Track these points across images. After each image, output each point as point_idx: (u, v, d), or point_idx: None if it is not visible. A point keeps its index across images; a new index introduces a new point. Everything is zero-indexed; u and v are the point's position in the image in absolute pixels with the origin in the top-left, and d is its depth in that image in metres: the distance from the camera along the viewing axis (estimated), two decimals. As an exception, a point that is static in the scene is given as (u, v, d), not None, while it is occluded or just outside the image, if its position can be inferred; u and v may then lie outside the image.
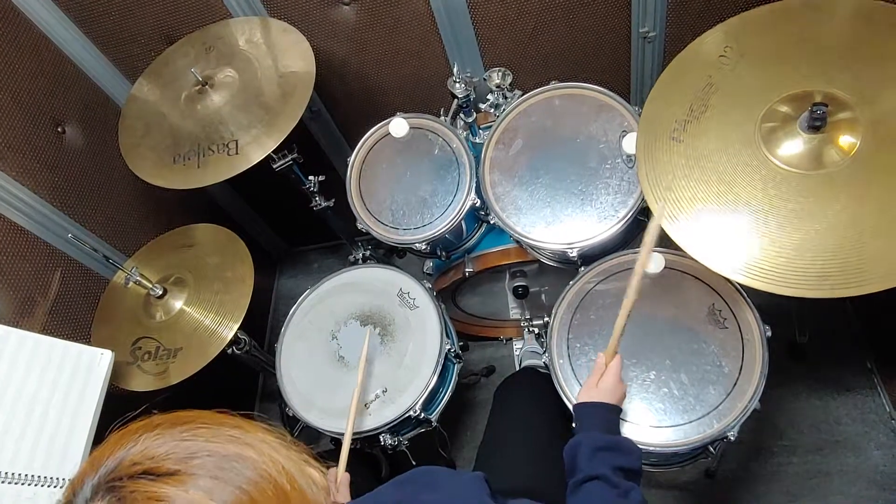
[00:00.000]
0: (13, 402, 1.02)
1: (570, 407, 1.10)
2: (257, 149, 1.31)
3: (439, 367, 1.25)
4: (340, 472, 1.08)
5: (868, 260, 0.85)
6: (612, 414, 0.94)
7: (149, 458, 0.48)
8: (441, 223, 1.31)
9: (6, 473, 0.96)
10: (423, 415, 1.25)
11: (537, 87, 1.32)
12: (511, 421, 1.25)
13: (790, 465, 1.57)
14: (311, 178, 1.60)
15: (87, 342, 1.30)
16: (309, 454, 0.57)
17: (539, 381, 1.36)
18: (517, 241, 1.34)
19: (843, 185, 0.90)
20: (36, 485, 0.98)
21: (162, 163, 1.37)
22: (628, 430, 1.06)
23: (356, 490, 1.04)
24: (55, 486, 1.00)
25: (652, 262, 1.13)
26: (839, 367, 1.66)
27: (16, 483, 0.97)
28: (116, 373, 1.26)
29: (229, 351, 1.37)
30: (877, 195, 0.88)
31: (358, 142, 1.43)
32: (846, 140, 0.93)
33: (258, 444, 0.52)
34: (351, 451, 1.27)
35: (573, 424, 0.96)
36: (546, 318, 1.70)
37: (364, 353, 1.24)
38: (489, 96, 1.41)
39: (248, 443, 0.52)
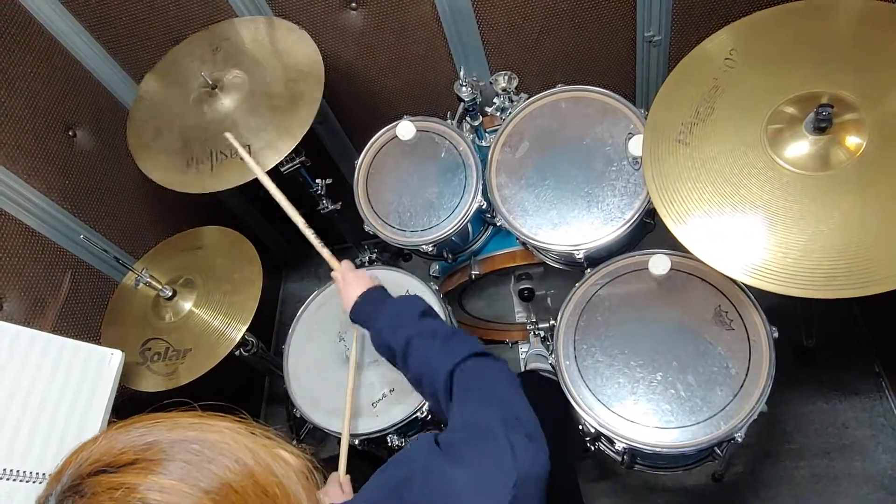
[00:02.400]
0: (24, 401, 1.03)
1: (576, 406, 1.11)
2: (271, 153, 1.31)
3: (446, 369, 1.25)
4: (341, 474, 1.09)
5: (875, 260, 0.85)
6: (369, 297, 1.06)
7: (106, 455, 0.49)
8: (447, 225, 1.32)
9: (17, 471, 0.97)
10: (430, 416, 1.25)
11: (543, 91, 1.33)
12: None
13: (797, 468, 1.57)
14: (318, 181, 1.61)
15: (97, 343, 1.31)
16: (284, 438, 0.58)
17: (542, 384, 1.36)
18: (523, 244, 1.34)
19: (850, 185, 0.91)
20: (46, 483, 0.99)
21: (175, 168, 1.38)
22: (635, 432, 1.07)
23: (358, 487, 1.05)
24: (65, 485, 1.01)
25: (658, 263, 1.14)
26: (846, 371, 1.66)
27: (26, 481, 0.98)
28: (126, 373, 1.27)
29: (237, 353, 1.38)
30: (883, 196, 0.88)
31: (365, 145, 1.44)
32: (852, 141, 0.93)
33: (220, 428, 0.53)
34: (355, 451, 1.28)
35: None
36: (552, 322, 1.70)
37: (353, 357, 1.26)
38: (495, 99, 1.42)
39: (209, 429, 0.53)
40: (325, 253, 1.18)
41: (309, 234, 1.18)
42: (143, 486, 0.47)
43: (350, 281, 1.11)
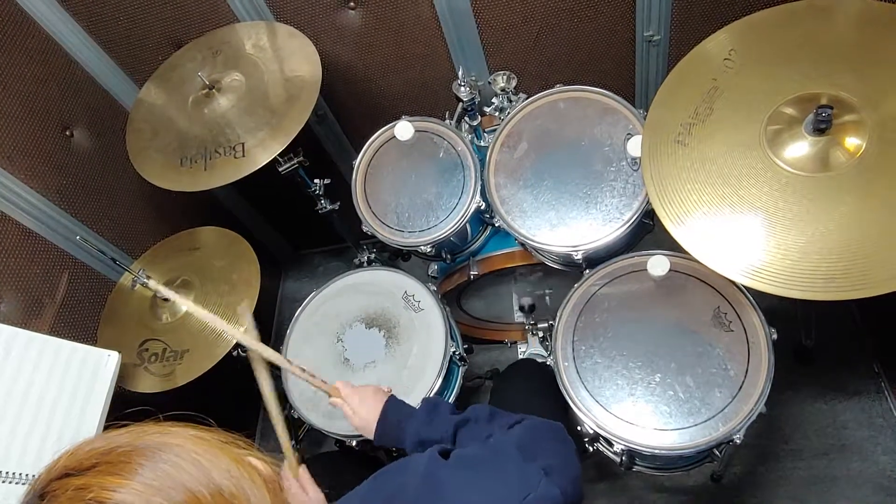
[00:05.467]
0: (21, 403, 1.03)
1: (574, 407, 1.11)
2: (263, 151, 1.31)
3: (444, 370, 1.25)
4: (292, 466, 0.95)
5: (874, 262, 0.85)
6: (389, 411, 1.00)
7: (71, 461, 0.51)
8: (446, 226, 1.32)
9: (14, 474, 0.97)
10: (427, 417, 1.25)
11: (542, 91, 1.32)
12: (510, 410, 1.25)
13: (796, 469, 1.56)
14: (316, 181, 1.61)
15: (94, 344, 1.30)
16: (255, 448, 0.58)
17: (535, 370, 1.36)
18: (522, 244, 1.34)
19: (849, 187, 0.90)
20: (43, 485, 0.99)
21: (169, 165, 1.38)
22: (634, 433, 1.06)
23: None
24: (62, 487, 1.00)
25: (657, 264, 1.13)
26: (846, 371, 1.66)
27: (23, 483, 0.97)
28: (123, 374, 1.27)
29: (234, 353, 1.37)
30: (883, 197, 0.88)
31: (363, 145, 1.44)
32: (852, 142, 0.92)
33: (184, 436, 0.54)
34: (351, 451, 1.27)
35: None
36: (550, 321, 1.70)
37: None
38: (494, 99, 1.42)
39: (173, 436, 0.54)
40: (316, 382, 1.05)
41: (294, 368, 1.05)
42: (99, 486, 0.48)
43: (357, 404, 1.02)
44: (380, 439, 1.00)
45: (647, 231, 1.27)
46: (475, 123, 1.40)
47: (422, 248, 1.34)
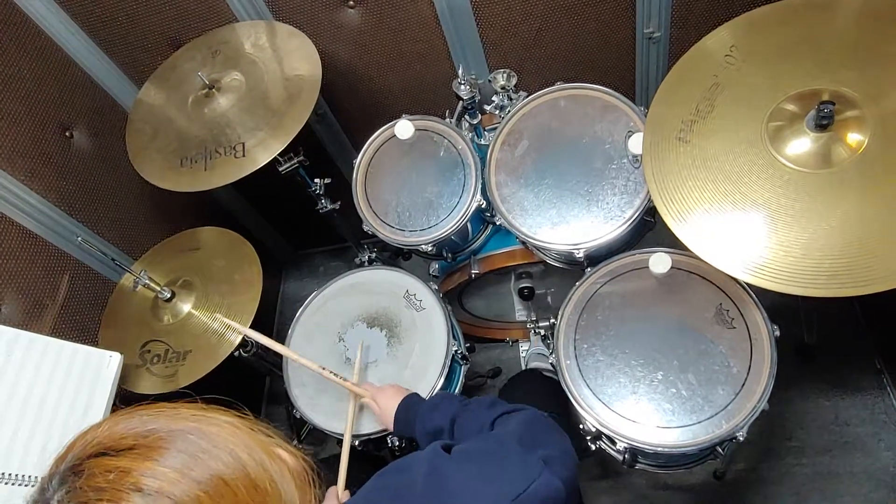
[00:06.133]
0: (23, 405, 1.03)
1: (577, 405, 1.11)
2: (264, 151, 1.31)
3: (446, 369, 1.25)
4: (340, 489, 1.08)
5: (876, 258, 0.85)
6: (404, 404, 1.08)
7: (107, 439, 0.51)
8: (447, 224, 1.32)
9: (16, 476, 0.97)
10: (430, 416, 1.25)
11: (542, 89, 1.32)
12: None
13: (799, 466, 1.56)
14: (316, 180, 1.61)
15: (96, 345, 1.30)
16: (283, 438, 0.59)
17: (542, 382, 1.36)
18: (523, 243, 1.34)
19: (852, 183, 0.90)
20: (46, 487, 0.99)
21: (169, 166, 1.38)
22: (636, 431, 1.06)
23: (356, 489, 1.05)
24: (65, 489, 1.00)
25: (659, 262, 1.13)
26: (848, 368, 1.65)
27: (25, 485, 0.97)
28: (125, 375, 1.27)
29: (237, 354, 1.37)
30: (885, 193, 0.88)
31: (363, 144, 1.44)
32: (854, 138, 0.92)
33: (219, 422, 0.54)
34: (354, 452, 1.27)
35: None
36: (552, 320, 1.70)
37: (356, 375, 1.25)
38: (494, 98, 1.41)
39: (209, 421, 0.54)
40: (349, 385, 1.20)
41: (327, 374, 1.20)
42: (137, 471, 0.48)
43: (383, 401, 1.14)
44: (397, 431, 1.11)
45: (648, 229, 1.27)
46: (475, 122, 1.40)
47: (423, 247, 1.33)
